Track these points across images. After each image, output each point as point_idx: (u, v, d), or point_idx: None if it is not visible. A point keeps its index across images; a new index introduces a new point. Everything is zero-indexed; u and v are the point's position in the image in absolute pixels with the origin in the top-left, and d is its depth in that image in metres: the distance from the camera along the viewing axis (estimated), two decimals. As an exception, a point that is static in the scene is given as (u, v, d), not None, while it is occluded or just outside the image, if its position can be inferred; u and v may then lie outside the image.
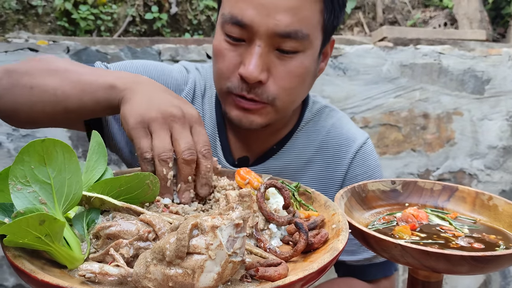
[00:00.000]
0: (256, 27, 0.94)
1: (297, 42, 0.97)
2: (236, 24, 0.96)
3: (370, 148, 1.25)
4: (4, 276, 2.16)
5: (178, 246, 0.52)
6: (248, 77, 0.96)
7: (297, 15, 0.95)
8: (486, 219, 0.89)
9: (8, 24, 2.90)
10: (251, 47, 0.97)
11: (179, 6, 3.32)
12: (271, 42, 0.96)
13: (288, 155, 1.19)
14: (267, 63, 0.97)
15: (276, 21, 0.94)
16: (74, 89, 0.91)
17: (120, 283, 0.56)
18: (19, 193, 0.58)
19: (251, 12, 0.94)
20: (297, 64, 1.00)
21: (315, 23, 0.99)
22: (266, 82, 0.99)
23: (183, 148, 0.77)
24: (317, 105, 1.25)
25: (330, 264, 0.61)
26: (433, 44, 2.79)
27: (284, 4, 0.94)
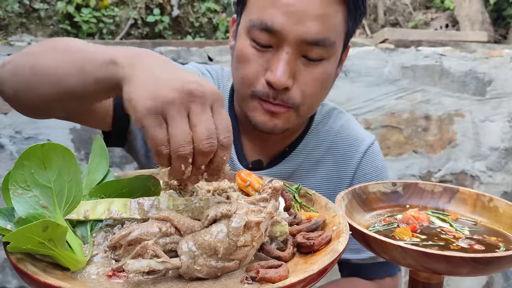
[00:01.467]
0: (286, 33, 0.95)
1: (323, 50, 0.99)
2: (265, 30, 0.96)
3: (377, 148, 1.28)
4: (7, 279, 2.17)
5: (231, 245, 0.59)
6: (275, 83, 0.97)
7: (325, 23, 0.96)
8: (487, 221, 0.90)
9: (10, 27, 2.92)
10: (278, 53, 0.98)
11: (181, 9, 3.33)
12: (298, 49, 0.97)
13: (300, 157, 1.20)
14: (293, 70, 0.99)
15: (305, 28, 0.95)
16: (74, 67, 0.78)
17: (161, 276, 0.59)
18: (20, 198, 0.59)
19: (282, 18, 0.95)
20: (322, 71, 1.02)
21: (340, 31, 1.02)
22: (291, 88, 1.00)
23: (202, 136, 0.63)
24: (326, 107, 1.28)
25: (330, 265, 0.61)
26: (434, 46, 2.79)
27: (314, 11, 0.95)
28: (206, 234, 0.60)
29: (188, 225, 0.63)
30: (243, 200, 0.66)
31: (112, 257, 0.64)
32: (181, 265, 0.59)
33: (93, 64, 0.75)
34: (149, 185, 0.75)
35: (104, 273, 0.60)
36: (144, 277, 0.57)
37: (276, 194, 0.68)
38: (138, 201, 0.69)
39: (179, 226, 0.63)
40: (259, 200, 0.67)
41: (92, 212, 0.68)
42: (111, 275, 0.60)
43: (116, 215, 0.68)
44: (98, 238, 0.67)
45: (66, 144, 2.04)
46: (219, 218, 0.62)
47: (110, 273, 0.60)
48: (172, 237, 0.63)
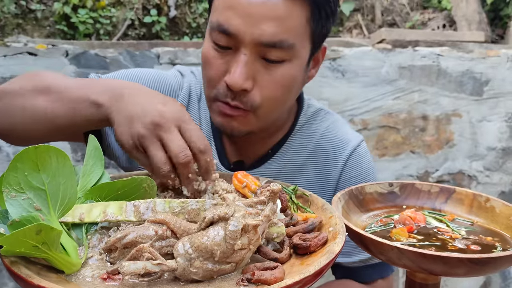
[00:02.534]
0: (242, 36, 0.94)
1: (282, 52, 0.97)
2: (222, 32, 0.96)
3: (364, 150, 1.24)
4: (3, 281, 2.16)
5: (228, 249, 0.59)
6: (232, 85, 0.96)
7: (282, 24, 0.95)
8: (483, 221, 0.90)
9: (7, 28, 2.91)
10: (236, 55, 0.97)
11: (178, 10, 3.33)
12: (256, 51, 0.96)
13: (283, 159, 1.19)
14: (252, 72, 0.97)
15: (261, 30, 0.94)
16: (63, 108, 0.91)
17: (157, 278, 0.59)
18: (14, 201, 0.58)
19: (237, 21, 0.94)
20: (283, 73, 0.99)
21: (302, 32, 0.99)
22: (251, 90, 0.98)
23: (175, 151, 0.77)
24: (312, 108, 1.25)
25: (326, 267, 0.61)
26: (431, 46, 2.80)
27: (270, 14, 0.94)
28: (203, 236, 0.60)
29: (185, 228, 0.63)
30: (240, 203, 0.66)
31: (107, 260, 0.64)
32: (177, 267, 0.58)
33: (81, 105, 0.89)
34: (145, 187, 0.74)
35: (99, 276, 0.60)
36: (139, 280, 0.57)
37: (274, 197, 0.67)
38: (134, 204, 0.68)
39: (175, 229, 0.63)
40: (256, 202, 0.66)
41: (87, 215, 0.67)
42: (106, 277, 0.59)
43: (111, 218, 0.67)
44: (93, 241, 0.67)
45: (63, 145, 2.03)
46: (216, 221, 0.61)
47: (105, 275, 0.59)
48: (168, 240, 0.63)
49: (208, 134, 1.18)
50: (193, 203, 0.69)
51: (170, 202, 0.69)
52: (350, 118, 2.46)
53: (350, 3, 3.69)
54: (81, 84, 0.94)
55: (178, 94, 1.20)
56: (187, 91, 1.21)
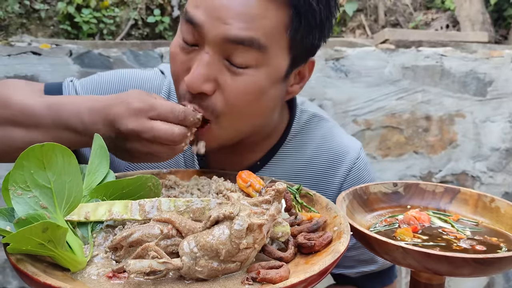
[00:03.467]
0: (206, 29, 0.85)
1: (250, 53, 0.86)
2: (190, 24, 0.87)
3: (364, 161, 1.16)
4: (7, 279, 2.17)
5: (233, 248, 0.59)
6: (189, 86, 0.87)
7: (253, 21, 0.84)
8: (488, 221, 0.89)
9: (11, 28, 2.92)
10: (199, 53, 0.87)
11: (181, 9, 3.33)
12: (221, 49, 0.86)
13: (274, 170, 1.10)
14: (214, 73, 0.87)
15: (227, 25, 0.84)
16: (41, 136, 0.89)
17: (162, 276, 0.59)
18: (20, 199, 0.58)
19: (203, 13, 0.85)
20: (248, 79, 0.88)
21: (277, 38, 0.88)
22: (211, 94, 0.88)
23: (166, 139, 0.81)
24: (305, 114, 1.15)
25: (331, 266, 0.61)
26: (435, 46, 2.79)
27: (240, 8, 0.84)
28: (208, 235, 0.60)
29: (190, 227, 0.63)
30: (245, 202, 0.66)
31: (113, 258, 0.64)
32: (182, 266, 0.58)
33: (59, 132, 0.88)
34: (150, 186, 0.74)
35: (104, 274, 0.60)
36: (144, 278, 0.57)
37: (279, 196, 0.67)
38: (139, 203, 0.69)
39: (180, 228, 0.63)
40: (261, 202, 0.66)
41: (93, 214, 0.67)
42: (111, 276, 0.59)
43: (117, 216, 0.68)
44: (99, 239, 0.67)
45: (66, 144, 2.03)
46: (222, 220, 0.61)
47: (111, 274, 0.60)
48: (173, 239, 0.63)
49: None
50: (198, 202, 0.69)
51: (175, 201, 0.69)
52: (353, 118, 2.45)
53: (353, 3, 3.69)
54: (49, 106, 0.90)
55: (159, 93, 1.12)
56: (167, 90, 1.12)
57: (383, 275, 1.20)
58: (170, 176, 0.93)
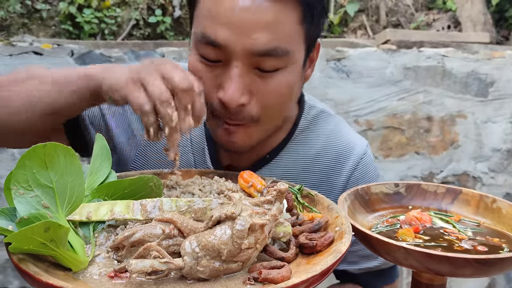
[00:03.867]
0: (232, 47, 0.87)
1: (277, 60, 0.90)
2: (210, 44, 0.89)
3: (371, 158, 1.19)
4: (8, 279, 2.17)
5: (235, 248, 0.59)
6: (228, 103, 0.89)
7: (275, 31, 0.87)
8: (490, 222, 0.89)
9: (12, 28, 2.92)
10: (228, 69, 0.89)
11: (183, 10, 3.33)
12: (249, 61, 0.88)
13: (282, 164, 1.12)
14: (247, 84, 0.90)
15: (252, 39, 0.86)
16: (49, 86, 0.90)
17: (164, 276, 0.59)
18: (22, 198, 0.59)
19: (225, 31, 0.86)
20: (280, 81, 0.92)
21: (295, 36, 0.92)
22: (248, 104, 0.92)
23: (177, 80, 0.77)
24: (314, 110, 1.18)
25: (333, 266, 0.61)
26: (436, 47, 2.79)
27: (260, 20, 0.86)
28: (210, 235, 0.60)
29: (192, 227, 0.63)
30: (247, 202, 0.66)
31: (114, 258, 0.64)
32: (184, 265, 0.58)
33: (72, 81, 0.88)
34: (151, 186, 0.74)
35: (106, 274, 0.60)
36: (146, 278, 0.57)
37: (281, 197, 0.67)
38: (141, 203, 0.69)
39: (182, 228, 0.63)
40: (263, 202, 0.66)
41: (94, 214, 0.67)
42: (113, 275, 0.59)
43: (119, 216, 0.68)
44: (100, 239, 0.67)
45: (67, 144, 2.04)
46: (223, 220, 0.61)
47: (112, 273, 0.60)
48: (175, 239, 0.63)
49: (201, 134, 1.12)
50: (200, 202, 0.69)
51: (177, 201, 0.69)
52: (354, 118, 2.45)
53: (355, 4, 3.69)
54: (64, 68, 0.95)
55: None
56: None
57: (385, 273, 1.20)
58: (171, 176, 0.93)
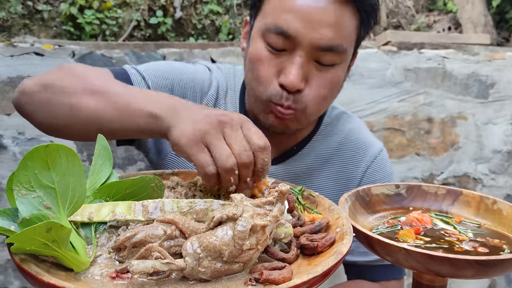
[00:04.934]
0: (301, 38, 0.98)
1: (335, 56, 1.02)
2: (280, 34, 1.00)
3: (386, 156, 1.30)
4: (9, 279, 2.17)
5: (237, 249, 0.59)
6: (289, 86, 1.00)
7: (339, 30, 1.00)
8: (491, 223, 0.89)
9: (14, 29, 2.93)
10: (292, 56, 1.01)
11: (184, 11, 3.33)
12: (311, 54, 1.00)
13: (307, 156, 1.23)
14: (305, 73, 1.02)
15: (320, 35, 0.98)
16: (114, 112, 0.90)
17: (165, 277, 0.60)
18: (24, 199, 0.59)
19: (297, 24, 0.98)
20: (332, 75, 1.05)
21: (352, 38, 1.05)
22: (303, 90, 1.03)
23: (238, 151, 0.77)
24: (336, 110, 1.31)
25: (334, 267, 0.61)
26: (437, 48, 2.79)
27: (329, 19, 0.98)
28: (212, 236, 0.60)
29: (193, 228, 0.63)
30: (248, 203, 0.66)
31: (116, 259, 0.64)
32: (186, 266, 0.59)
33: (136, 114, 0.88)
34: (153, 186, 0.75)
35: (107, 274, 0.60)
36: (148, 279, 0.57)
37: (282, 198, 0.68)
38: (143, 203, 0.69)
39: (184, 229, 0.63)
40: (264, 203, 0.66)
41: (96, 214, 0.68)
42: (114, 276, 0.59)
43: (120, 217, 0.68)
44: (102, 239, 0.67)
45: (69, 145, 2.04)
46: (225, 221, 0.61)
47: (114, 274, 0.60)
48: (176, 240, 0.63)
49: None
50: (201, 203, 0.69)
51: (178, 202, 0.69)
52: (355, 120, 2.45)
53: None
54: (129, 91, 0.94)
55: (208, 89, 1.22)
56: (216, 86, 1.23)
57: (394, 267, 1.22)
58: (173, 177, 0.94)
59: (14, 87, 2.03)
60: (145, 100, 0.89)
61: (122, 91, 0.93)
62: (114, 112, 0.90)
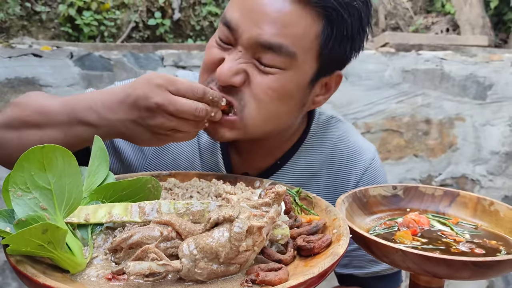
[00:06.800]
0: (240, 32, 0.92)
1: (279, 57, 0.91)
2: (225, 25, 0.95)
3: (379, 164, 1.21)
4: (7, 281, 2.17)
5: (233, 250, 0.59)
6: (219, 77, 0.92)
7: (284, 29, 0.90)
8: (487, 225, 0.89)
9: (12, 30, 2.92)
10: (233, 50, 0.94)
11: (182, 12, 3.34)
12: (252, 50, 0.92)
13: (292, 170, 1.14)
14: (244, 70, 0.93)
15: (260, 30, 0.90)
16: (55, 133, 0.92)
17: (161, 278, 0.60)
18: (20, 200, 0.59)
19: (240, 16, 0.92)
20: (276, 80, 0.93)
21: (306, 45, 0.93)
22: (240, 86, 0.94)
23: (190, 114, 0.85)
24: (323, 116, 1.19)
25: (330, 269, 0.61)
26: (435, 50, 2.80)
27: (274, 15, 0.90)
28: (208, 237, 0.60)
29: (190, 229, 0.63)
30: (245, 204, 0.66)
31: (112, 260, 0.64)
32: (182, 268, 0.58)
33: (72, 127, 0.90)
34: (150, 187, 0.74)
35: (103, 276, 0.60)
36: (144, 280, 0.57)
37: (278, 199, 0.68)
38: (139, 205, 0.69)
39: (180, 230, 0.63)
40: (261, 204, 0.66)
41: (93, 216, 0.67)
42: (110, 277, 0.59)
43: (117, 219, 0.68)
44: (98, 241, 0.67)
45: (66, 146, 2.03)
46: (221, 222, 0.61)
47: (110, 275, 0.60)
48: (173, 241, 0.63)
49: (213, 146, 1.14)
50: (198, 205, 0.69)
51: (175, 203, 0.69)
52: (353, 121, 2.46)
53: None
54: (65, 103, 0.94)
55: None
56: None
57: (390, 277, 1.21)
58: (170, 179, 0.94)
59: (12, 88, 2.03)
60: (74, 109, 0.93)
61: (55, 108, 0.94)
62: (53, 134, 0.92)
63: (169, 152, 1.15)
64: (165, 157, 1.14)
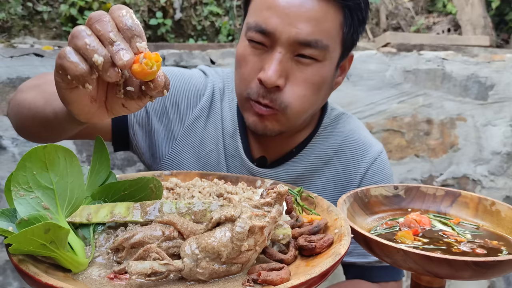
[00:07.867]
0: (278, 34, 0.99)
1: (316, 51, 1.01)
2: (259, 32, 1.01)
3: (386, 158, 1.30)
4: (8, 280, 2.17)
5: (235, 250, 0.59)
6: (266, 82, 1.00)
7: (318, 25, 1.00)
8: (489, 225, 0.89)
9: (13, 30, 2.93)
10: (271, 53, 1.02)
11: (184, 12, 3.34)
12: (291, 49, 1.01)
13: (306, 157, 1.24)
14: (285, 70, 1.02)
15: (297, 29, 0.99)
16: (42, 101, 0.94)
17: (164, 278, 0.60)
18: (22, 199, 0.59)
19: (275, 20, 0.99)
20: (314, 72, 1.04)
21: (335, 35, 1.04)
22: (283, 88, 1.03)
23: None
24: (335, 111, 1.31)
25: (332, 268, 0.61)
26: (436, 50, 2.79)
27: (306, 14, 0.99)
28: (210, 237, 0.60)
29: (191, 229, 0.63)
30: (247, 204, 0.66)
31: (114, 259, 0.64)
32: (184, 267, 0.59)
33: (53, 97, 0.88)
34: (151, 187, 0.75)
35: (105, 275, 0.60)
36: (146, 279, 0.57)
37: (280, 199, 0.68)
38: (141, 204, 0.69)
39: (182, 230, 0.63)
40: (263, 204, 0.67)
41: (94, 215, 0.68)
42: (112, 277, 0.60)
43: (119, 218, 0.68)
44: (100, 240, 0.67)
45: (68, 146, 2.04)
46: (223, 222, 0.62)
47: (112, 275, 0.60)
48: (175, 241, 0.63)
49: (234, 130, 1.23)
50: (200, 204, 0.69)
51: (176, 203, 0.69)
52: (354, 121, 2.45)
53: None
54: None
55: (203, 93, 1.25)
56: (211, 90, 1.25)
57: (394, 269, 1.23)
58: (171, 178, 0.94)
59: (13, 88, 2.03)
60: None
61: (51, 78, 0.95)
62: (41, 100, 0.94)
63: (197, 134, 1.23)
64: (193, 138, 1.22)
